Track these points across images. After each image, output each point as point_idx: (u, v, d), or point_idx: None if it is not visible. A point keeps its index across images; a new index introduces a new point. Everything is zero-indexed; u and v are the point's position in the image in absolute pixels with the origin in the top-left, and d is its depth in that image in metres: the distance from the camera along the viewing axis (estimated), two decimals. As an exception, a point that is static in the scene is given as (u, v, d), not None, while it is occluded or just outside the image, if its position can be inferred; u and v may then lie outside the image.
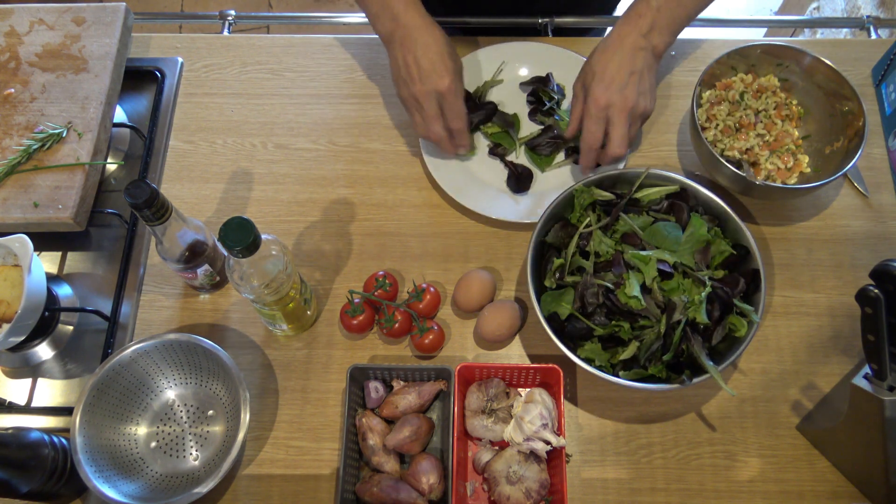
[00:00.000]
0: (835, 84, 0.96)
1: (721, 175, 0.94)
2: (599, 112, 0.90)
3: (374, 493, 0.81)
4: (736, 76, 1.02)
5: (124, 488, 0.81)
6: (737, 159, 0.98)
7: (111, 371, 0.84)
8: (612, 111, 0.90)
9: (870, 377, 0.75)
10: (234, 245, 0.72)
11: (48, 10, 1.07)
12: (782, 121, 1.00)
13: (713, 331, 0.83)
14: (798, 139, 1.00)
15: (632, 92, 0.89)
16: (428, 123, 0.93)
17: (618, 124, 0.90)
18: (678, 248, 0.85)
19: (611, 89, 0.89)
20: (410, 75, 0.90)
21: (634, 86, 0.89)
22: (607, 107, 0.90)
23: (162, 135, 1.06)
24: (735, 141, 0.98)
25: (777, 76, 1.02)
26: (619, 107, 0.89)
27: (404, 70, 0.91)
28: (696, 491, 0.86)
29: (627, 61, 0.89)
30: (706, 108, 1.01)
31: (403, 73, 0.91)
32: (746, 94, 1.00)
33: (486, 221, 1.00)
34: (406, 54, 0.90)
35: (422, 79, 0.90)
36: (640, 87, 0.90)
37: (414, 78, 0.90)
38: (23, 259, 0.86)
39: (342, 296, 0.96)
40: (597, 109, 0.90)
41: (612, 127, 0.91)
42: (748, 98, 1.00)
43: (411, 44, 0.90)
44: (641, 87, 0.90)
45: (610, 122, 0.91)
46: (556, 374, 0.84)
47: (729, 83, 1.01)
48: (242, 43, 1.14)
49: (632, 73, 0.89)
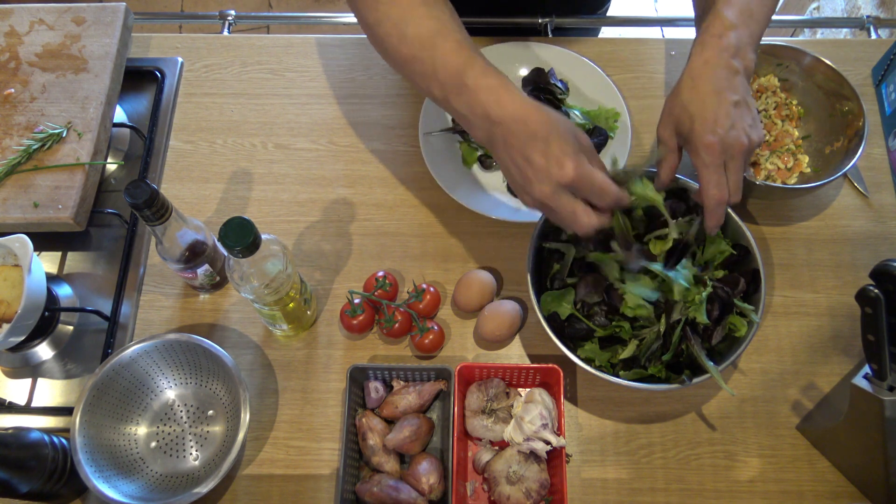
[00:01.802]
0: (835, 84, 0.96)
1: None
2: (717, 159, 0.76)
3: (374, 493, 0.81)
4: None
5: (124, 488, 0.81)
6: None
7: (111, 371, 0.84)
8: (730, 155, 0.76)
9: (870, 377, 0.75)
10: (234, 245, 0.72)
11: (48, 10, 1.07)
12: (782, 121, 1.00)
13: (713, 331, 0.83)
14: (798, 139, 1.00)
15: (741, 128, 0.76)
16: (574, 222, 0.74)
17: (735, 171, 0.77)
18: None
19: (720, 130, 0.75)
20: (527, 179, 0.73)
21: (742, 119, 0.76)
22: (724, 153, 0.76)
23: (162, 135, 1.06)
24: None
25: (777, 76, 1.02)
26: (736, 149, 0.76)
27: (518, 175, 0.74)
28: (696, 491, 0.86)
29: (727, 92, 0.76)
30: None
31: (519, 179, 0.74)
32: None
33: (486, 221, 1.00)
34: (514, 156, 0.73)
35: (539, 178, 0.72)
36: (748, 119, 0.77)
37: (531, 180, 0.73)
38: (23, 259, 0.86)
39: (342, 296, 0.96)
40: (713, 157, 0.76)
41: (730, 174, 0.77)
42: None
43: (516, 142, 0.73)
44: (748, 117, 0.77)
45: (728, 169, 0.77)
46: (556, 374, 0.84)
47: None
48: (242, 43, 1.14)
49: (736, 104, 0.76)
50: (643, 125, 1.07)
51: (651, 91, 1.10)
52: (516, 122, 0.72)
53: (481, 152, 1.03)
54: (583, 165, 0.72)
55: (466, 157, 1.03)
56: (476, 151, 1.03)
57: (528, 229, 0.98)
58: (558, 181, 0.71)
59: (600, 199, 0.74)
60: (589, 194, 0.73)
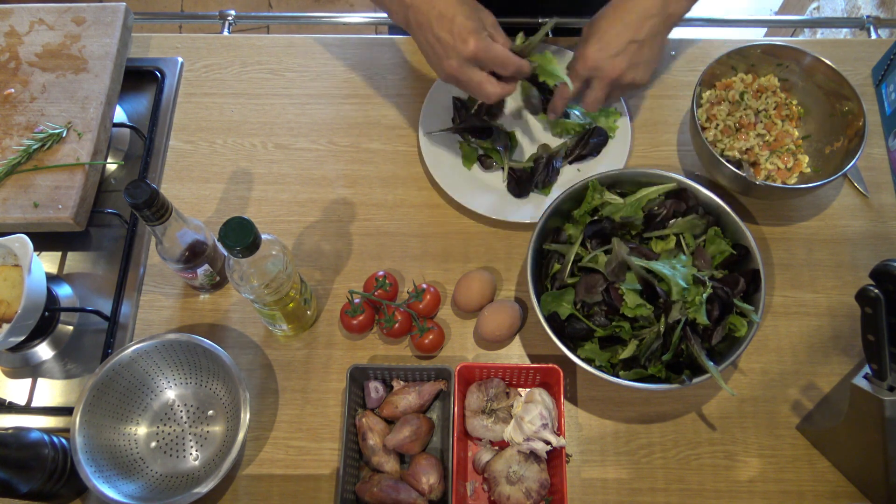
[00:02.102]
0: (835, 84, 0.96)
1: (721, 175, 0.94)
2: (583, 72, 0.89)
3: (374, 493, 0.81)
4: (736, 76, 1.02)
5: (124, 488, 0.81)
6: (737, 159, 0.98)
7: (111, 371, 0.84)
8: (596, 75, 0.88)
9: (870, 377, 0.75)
10: (234, 245, 0.72)
11: (48, 10, 1.07)
12: (782, 121, 1.00)
13: (713, 331, 0.83)
14: (798, 139, 1.00)
15: (622, 61, 0.86)
16: (480, 91, 0.86)
17: (596, 89, 0.89)
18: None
19: (602, 53, 0.86)
20: (437, 55, 0.85)
21: (629, 55, 0.86)
22: (593, 69, 0.88)
23: (162, 135, 1.06)
24: (735, 141, 0.98)
25: (777, 76, 1.02)
26: (604, 73, 0.88)
27: (431, 52, 0.86)
28: (696, 491, 0.86)
29: (632, 28, 0.85)
30: (706, 108, 1.01)
31: (431, 55, 0.86)
32: (746, 94, 1.01)
33: (486, 221, 1.00)
34: (426, 35, 0.84)
35: (448, 54, 0.83)
36: (636, 58, 0.87)
37: (441, 56, 0.84)
38: (23, 259, 0.86)
39: (342, 296, 0.96)
40: (582, 69, 0.89)
41: (590, 90, 0.90)
42: (748, 98, 1.00)
43: (425, 21, 0.84)
44: (637, 58, 0.87)
45: (589, 85, 0.90)
46: (556, 374, 0.84)
47: (729, 83, 1.01)
48: (242, 43, 1.14)
49: (631, 41, 0.86)
50: (643, 125, 1.07)
51: (651, 91, 1.10)
52: (425, 3, 0.83)
53: (481, 152, 1.03)
54: (484, 40, 0.82)
55: (466, 157, 1.03)
56: (476, 151, 1.03)
57: (528, 229, 0.99)
58: (463, 55, 0.82)
59: (503, 70, 0.84)
60: (492, 66, 0.84)
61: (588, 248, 0.88)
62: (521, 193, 1.00)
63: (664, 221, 0.89)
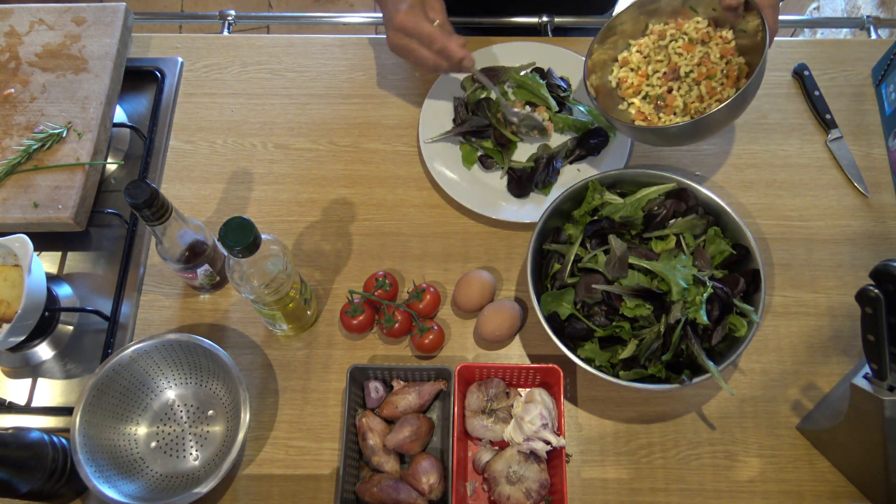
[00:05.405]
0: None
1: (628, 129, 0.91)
2: None
3: (374, 493, 0.81)
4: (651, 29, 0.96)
5: (124, 488, 0.81)
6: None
7: (111, 371, 0.84)
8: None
9: (870, 377, 0.75)
10: (234, 245, 0.72)
11: (48, 10, 1.07)
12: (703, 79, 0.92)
13: (713, 331, 0.83)
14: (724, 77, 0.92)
15: None
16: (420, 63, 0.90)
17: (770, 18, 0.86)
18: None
19: None
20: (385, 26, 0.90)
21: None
22: None
23: (162, 135, 1.06)
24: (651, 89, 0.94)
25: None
26: None
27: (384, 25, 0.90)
28: (696, 491, 0.86)
29: None
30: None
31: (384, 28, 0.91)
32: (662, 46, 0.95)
33: (486, 221, 1.00)
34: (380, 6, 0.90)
35: (387, 25, 0.89)
36: None
37: (385, 27, 0.90)
38: (23, 259, 0.86)
39: (342, 296, 0.96)
40: None
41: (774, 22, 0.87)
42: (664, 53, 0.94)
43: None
44: None
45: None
46: (556, 374, 0.84)
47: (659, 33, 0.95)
48: (242, 43, 1.14)
49: None
50: (643, 125, 1.07)
51: (651, 91, 1.10)
52: None
53: (481, 152, 1.03)
54: (413, 15, 0.86)
55: (466, 158, 1.03)
56: (476, 152, 1.03)
57: (528, 229, 0.99)
58: (395, 28, 0.87)
59: (430, 46, 0.88)
60: (420, 41, 0.87)
61: (588, 248, 0.88)
62: (522, 193, 1.00)
63: (664, 221, 0.89)
